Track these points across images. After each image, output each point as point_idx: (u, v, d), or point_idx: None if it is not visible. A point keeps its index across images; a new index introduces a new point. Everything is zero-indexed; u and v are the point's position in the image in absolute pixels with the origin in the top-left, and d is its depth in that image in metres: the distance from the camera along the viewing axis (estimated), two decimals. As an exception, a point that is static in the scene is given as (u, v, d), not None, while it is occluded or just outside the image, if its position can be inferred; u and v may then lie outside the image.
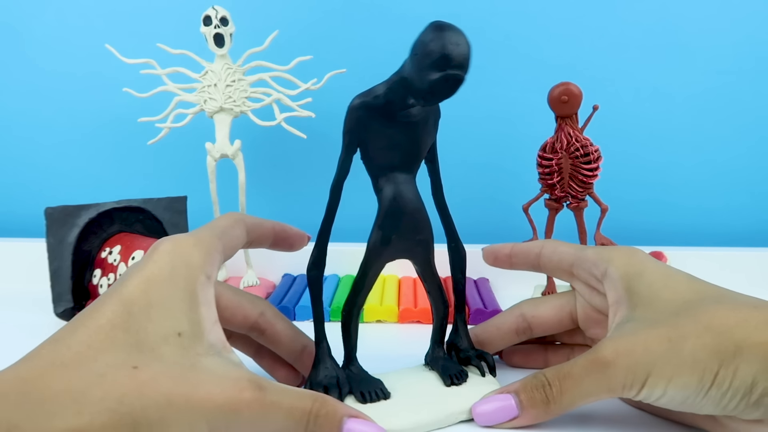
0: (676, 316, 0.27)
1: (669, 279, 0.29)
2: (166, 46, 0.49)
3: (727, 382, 0.24)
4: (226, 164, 0.53)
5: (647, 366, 0.26)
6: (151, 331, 0.24)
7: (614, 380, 0.26)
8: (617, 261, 0.31)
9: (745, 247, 0.60)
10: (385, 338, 0.40)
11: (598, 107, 0.45)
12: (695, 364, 0.25)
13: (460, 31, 0.25)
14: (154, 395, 0.22)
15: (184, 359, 0.24)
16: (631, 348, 0.26)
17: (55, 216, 0.45)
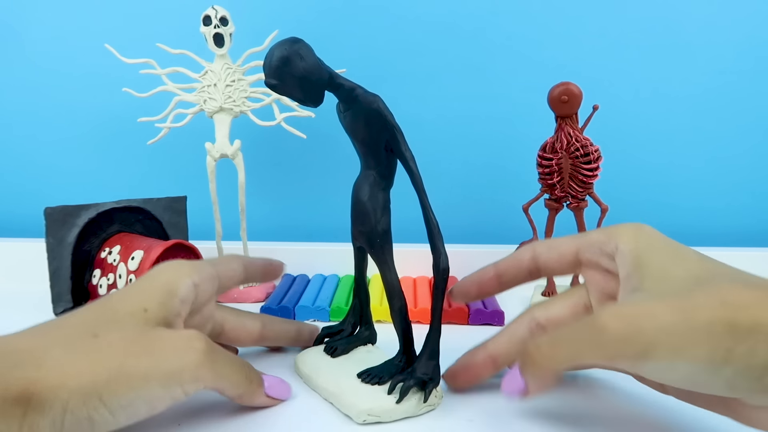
0: (688, 289, 0.25)
1: (679, 256, 0.28)
2: (165, 46, 0.49)
3: (742, 361, 0.22)
4: (225, 164, 0.53)
5: (652, 335, 0.23)
6: (121, 308, 0.28)
7: (610, 348, 0.24)
8: (626, 236, 0.29)
9: (745, 248, 0.60)
10: (384, 338, 0.40)
11: (598, 107, 0.45)
12: (710, 336, 0.23)
13: (281, 43, 0.29)
14: (107, 360, 0.25)
15: (144, 328, 0.27)
16: (633, 315, 0.24)
17: (54, 216, 0.45)
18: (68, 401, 0.23)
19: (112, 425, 0.25)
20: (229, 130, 0.50)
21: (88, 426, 0.24)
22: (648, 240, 0.29)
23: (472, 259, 0.57)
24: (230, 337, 0.36)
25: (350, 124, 0.32)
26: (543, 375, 0.27)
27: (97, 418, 0.24)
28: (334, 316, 0.47)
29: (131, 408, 0.25)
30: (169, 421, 0.30)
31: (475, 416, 0.31)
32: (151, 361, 0.26)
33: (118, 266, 0.44)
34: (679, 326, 0.23)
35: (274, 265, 0.39)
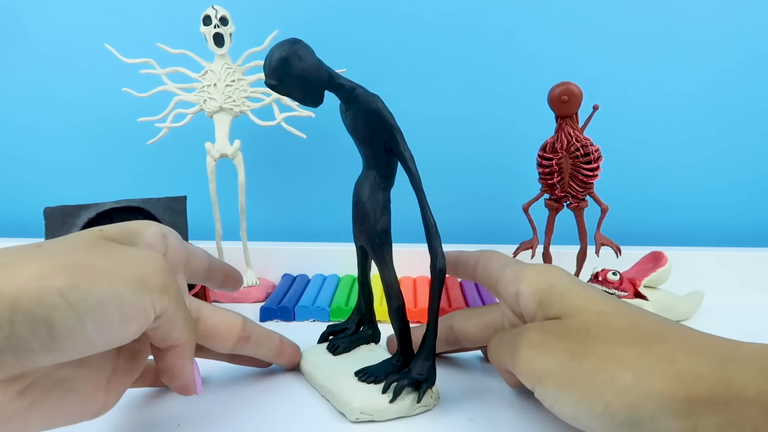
0: (585, 328, 0.26)
1: (582, 289, 0.29)
2: (165, 46, 0.49)
3: (622, 415, 0.23)
4: (225, 164, 0.53)
5: (545, 366, 0.26)
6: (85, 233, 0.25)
7: (516, 367, 0.28)
8: (528, 278, 0.30)
9: (745, 247, 0.60)
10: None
11: (598, 107, 0.45)
12: (588, 385, 0.24)
13: (277, 45, 0.29)
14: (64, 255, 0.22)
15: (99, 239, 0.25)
16: (537, 341, 0.27)
17: (54, 216, 0.45)
18: (19, 297, 0.19)
19: (78, 338, 0.20)
20: (229, 130, 0.50)
21: (47, 332, 0.20)
22: (551, 280, 0.30)
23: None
24: (208, 327, 0.31)
25: (351, 123, 0.32)
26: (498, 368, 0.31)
27: (58, 319, 0.20)
28: (333, 316, 0.47)
29: (101, 314, 0.21)
30: (169, 420, 0.30)
31: (475, 416, 0.31)
32: (111, 262, 0.22)
33: (117, 266, 0.44)
34: (566, 367, 0.25)
35: (234, 274, 0.36)
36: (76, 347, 0.21)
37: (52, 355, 0.20)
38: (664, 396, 0.22)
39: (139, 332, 0.23)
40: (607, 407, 0.23)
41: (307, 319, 0.47)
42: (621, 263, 0.48)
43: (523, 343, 0.28)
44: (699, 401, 0.21)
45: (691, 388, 0.22)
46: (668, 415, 0.22)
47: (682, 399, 0.22)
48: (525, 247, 0.49)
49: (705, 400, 0.21)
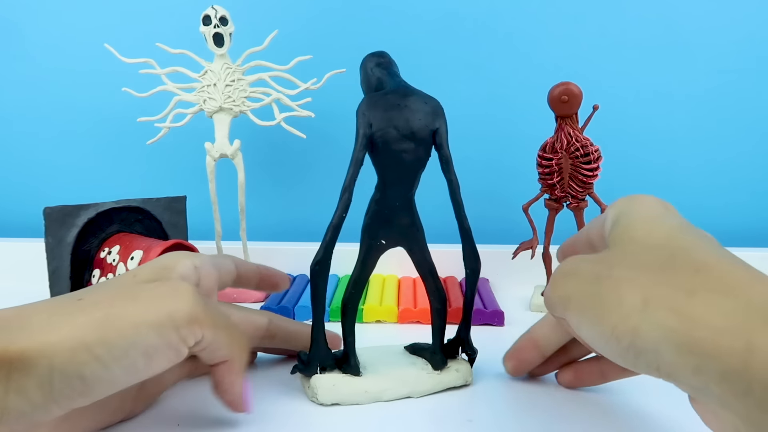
0: (624, 255, 0.25)
1: (652, 221, 0.26)
2: (165, 46, 0.49)
3: (627, 340, 0.21)
4: (225, 164, 0.53)
5: (571, 290, 0.25)
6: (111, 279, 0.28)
7: (551, 298, 0.27)
8: (618, 203, 0.29)
9: (745, 248, 0.60)
10: (384, 338, 0.40)
11: (598, 107, 0.45)
12: (601, 305, 0.23)
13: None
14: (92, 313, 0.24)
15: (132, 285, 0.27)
16: (568, 268, 0.27)
17: (53, 216, 0.45)
18: (53, 358, 0.22)
19: (108, 381, 0.23)
20: (228, 130, 0.50)
21: (81, 384, 0.22)
22: (631, 205, 0.28)
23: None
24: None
25: None
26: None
27: (88, 373, 0.22)
28: (333, 316, 0.47)
29: (126, 360, 0.23)
30: (169, 420, 0.30)
31: (475, 416, 0.31)
32: (139, 306, 0.24)
33: (117, 266, 0.44)
34: (588, 290, 0.24)
35: (271, 273, 0.36)
36: (107, 389, 0.24)
37: (88, 398, 0.23)
38: (668, 328, 0.20)
39: (170, 365, 0.25)
40: (614, 329, 0.22)
41: (307, 319, 0.47)
42: (621, 263, 0.47)
43: (558, 271, 0.27)
44: (704, 345, 0.19)
45: (697, 330, 0.20)
46: (671, 349, 0.20)
47: (684, 336, 0.20)
48: (525, 247, 0.49)
49: (711, 346, 0.19)
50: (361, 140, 0.32)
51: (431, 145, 0.33)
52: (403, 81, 0.34)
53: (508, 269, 0.54)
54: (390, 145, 0.32)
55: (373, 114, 0.32)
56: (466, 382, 0.35)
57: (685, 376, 0.20)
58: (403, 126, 0.32)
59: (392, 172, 0.32)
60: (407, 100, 0.32)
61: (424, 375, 0.34)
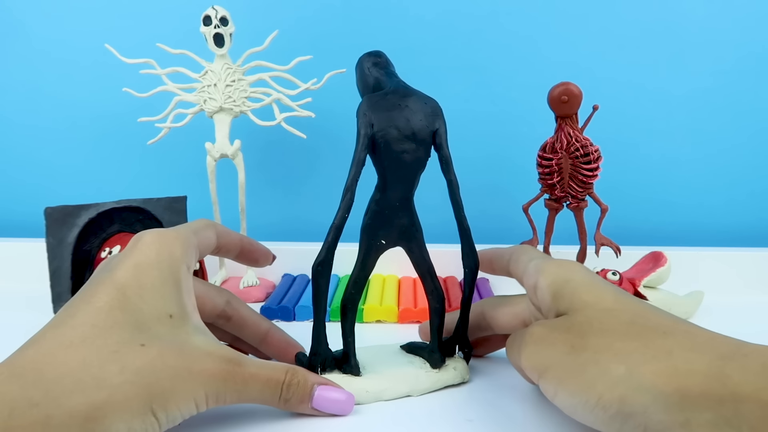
0: (588, 323, 0.27)
1: (594, 285, 0.29)
2: (166, 46, 0.49)
3: (614, 408, 0.23)
4: (226, 164, 0.53)
5: (545, 360, 0.27)
6: (146, 312, 0.27)
7: (522, 362, 0.28)
8: (547, 271, 0.31)
9: (745, 248, 0.60)
10: (384, 338, 0.40)
11: (598, 107, 0.45)
12: (583, 376, 0.24)
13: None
14: (164, 369, 0.25)
15: (177, 338, 0.27)
16: (539, 337, 0.28)
17: (54, 216, 0.45)
18: (131, 420, 0.24)
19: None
20: (229, 130, 0.50)
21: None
22: (567, 274, 0.30)
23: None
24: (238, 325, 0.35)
25: None
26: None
27: (149, 429, 0.25)
28: (333, 316, 0.47)
29: (175, 416, 0.26)
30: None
31: (475, 416, 0.31)
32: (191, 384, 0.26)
33: (118, 266, 0.44)
34: (564, 360, 0.26)
35: (255, 246, 0.36)
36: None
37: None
38: (656, 389, 0.22)
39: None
40: (599, 399, 0.23)
41: (307, 319, 0.47)
42: (621, 263, 0.48)
43: (528, 338, 0.28)
44: (692, 396, 0.21)
45: (685, 382, 0.22)
46: (660, 409, 0.22)
47: (674, 392, 0.22)
48: (525, 247, 0.49)
49: (699, 396, 0.21)
50: (362, 140, 0.32)
51: (431, 146, 0.33)
52: (402, 81, 0.34)
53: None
54: (391, 145, 0.32)
55: (374, 114, 0.32)
56: (463, 379, 0.35)
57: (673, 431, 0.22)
58: (404, 126, 0.32)
59: (393, 173, 0.32)
60: (407, 100, 0.32)
61: (422, 374, 0.34)
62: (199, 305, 0.32)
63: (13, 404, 0.22)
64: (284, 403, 0.29)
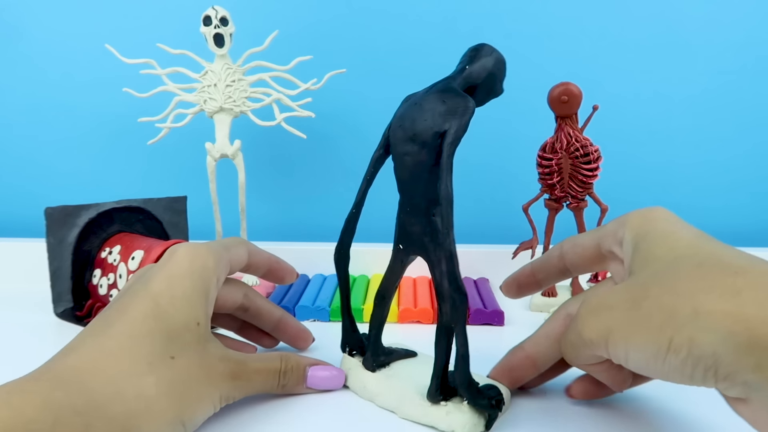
0: (653, 275, 0.25)
1: (671, 236, 0.27)
2: (166, 46, 0.49)
3: (685, 350, 0.22)
4: (226, 164, 0.53)
5: (608, 323, 0.25)
6: (177, 319, 0.29)
7: (584, 335, 0.26)
8: (631, 223, 0.29)
9: (745, 248, 0.60)
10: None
11: (598, 107, 0.45)
12: (649, 325, 0.23)
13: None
14: (190, 380, 0.27)
15: (199, 345, 0.29)
16: (599, 303, 0.26)
17: (55, 216, 0.45)
18: (162, 430, 0.26)
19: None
20: (229, 130, 0.50)
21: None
22: (649, 225, 0.28)
23: (472, 259, 0.57)
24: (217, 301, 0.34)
25: None
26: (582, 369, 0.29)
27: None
28: (334, 316, 0.47)
29: (198, 423, 0.28)
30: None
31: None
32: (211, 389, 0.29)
33: (118, 266, 0.44)
34: (627, 315, 0.24)
35: (282, 265, 0.38)
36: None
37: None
38: (724, 329, 0.21)
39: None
40: (670, 344, 0.22)
41: (307, 319, 0.47)
42: (621, 263, 0.48)
43: (583, 312, 0.26)
44: (762, 337, 0.20)
45: (754, 323, 0.20)
46: (729, 350, 0.21)
47: (742, 333, 0.20)
48: (525, 247, 0.49)
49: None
50: (382, 139, 0.31)
51: (437, 150, 0.29)
52: (453, 75, 0.32)
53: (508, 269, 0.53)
54: (396, 146, 0.30)
55: (398, 110, 0.31)
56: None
57: (744, 375, 0.21)
58: (408, 126, 0.29)
59: (399, 176, 0.30)
60: (427, 96, 0.30)
61: (415, 399, 0.31)
62: (221, 299, 0.34)
63: (59, 412, 0.22)
64: (282, 388, 0.32)
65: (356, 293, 0.50)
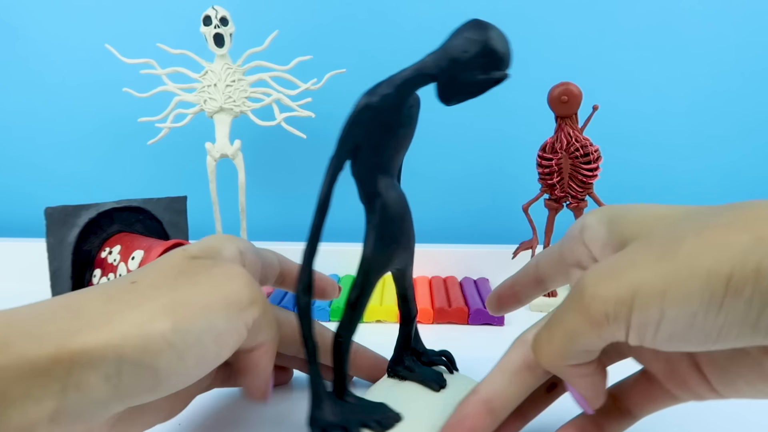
0: (672, 227, 0.21)
1: (663, 206, 0.24)
2: (166, 46, 0.49)
3: (750, 285, 0.17)
4: (226, 164, 0.53)
5: (632, 282, 0.19)
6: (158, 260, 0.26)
7: (593, 309, 0.20)
8: (593, 211, 0.27)
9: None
10: (385, 338, 0.40)
11: (598, 107, 0.45)
12: (696, 265, 0.18)
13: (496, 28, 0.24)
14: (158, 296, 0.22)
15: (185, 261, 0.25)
16: (611, 266, 0.20)
17: (55, 216, 0.45)
18: (123, 348, 0.20)
19: (182, 373, 0.21)
20: (229, 130, 0.50)
21: (152, 376, 0.20)
22: (620, 209, 0.25)
23: (472, 259, 0.57)
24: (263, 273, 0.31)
25: (416, 122, 0.28)
26: (553, 366, 0.23)
27: (163, 363, 0.20)
28: (334, 316, 0.47)
29: (200, 347, 0.22)
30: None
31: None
32: (202, 289, 0.23)
33: (118, 266, 0.44)
34: (659, 263, 0.19)
35: (325, 280, 0.33)
36: (177, 383, 0.22)
37: (157, 393, 0.21)
38: None
39: (233, 350, 0.24)
40: (728, 282, 0.18)
41: (307, 319, 0.47)
42: (621, 263, 0.48)
43: (591, 283, 0.20)
44: None
45: None
46: None
47: None
48: (525, 247, 0.49)
49: None
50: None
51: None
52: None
53: (508, 269, 0.53)
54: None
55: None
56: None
57: None
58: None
59: None
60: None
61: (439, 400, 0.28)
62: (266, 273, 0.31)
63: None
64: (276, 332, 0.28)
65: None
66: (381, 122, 0.26)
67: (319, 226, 0.27)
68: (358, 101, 0.26)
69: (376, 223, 0.27)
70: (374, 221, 0.27)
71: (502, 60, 0.23)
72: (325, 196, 0.27)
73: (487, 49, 0.23)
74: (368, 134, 0.26)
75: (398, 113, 0.27)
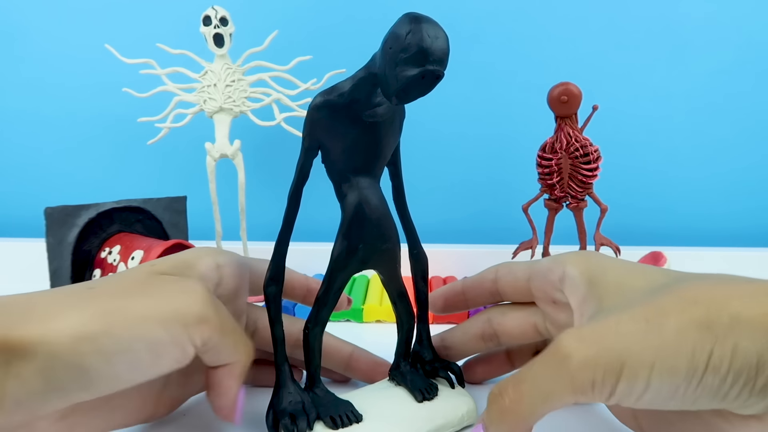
0: (652, 295, 0.22)
1: (637, 269, 0.26)
2: (165, 46, 0.49)
3: (726, 363, 0.19)
4: (225, 164, 0.53)
5: (620, 354, 0.20)
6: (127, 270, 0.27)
7: (578, 377, 0.20)
8: (574, 261, 0.27)
9: (745, 247, 0.60)
10: (384, 338, 0.40)
11: (598, 107, 0.45)
12: (682, 343, 0.20)
13: (437, 24, 0.22)
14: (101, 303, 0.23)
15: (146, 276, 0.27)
16: (596, 334, 0.21)
17: (54, 216, 0.45)
18: (55, 346, 0.21)
19: (110, 375, 0.22)
20: (229, 130, 0.50)
21: (82, 375, 0.21)
22: (600, 264, 0.27)
23: (472, 259, 0.57)
24: (265, 337, 0.31)
25: (387, 123, 0.27)
26: (519, 427, 0.22)
27: (90, 364, 0.21)
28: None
29: (130, 354, 0.22)
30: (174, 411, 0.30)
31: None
32: (148, 300, 0.24)
33: (118, 266, 0.44)
34: (646, 338, 0.20)
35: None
36: (110, 384, 0.22)
37: (90, 393, 0.22)
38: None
39: (177, 365, 0.24)
40: (709, 358, 0.19)
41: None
42: (620, 263, 0.48)
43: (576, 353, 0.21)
44: None
45: None
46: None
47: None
48: (524, 247, 0.49)
49: None
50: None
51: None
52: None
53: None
54: None
55: None
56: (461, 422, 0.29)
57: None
58: None
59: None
60: None
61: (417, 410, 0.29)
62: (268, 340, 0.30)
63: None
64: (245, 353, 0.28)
65: (356, 293, 0.50)
66: (339, 122, 0.26)
67: (290, 219, 0.29)
68: (313, 99, 0.26)
69: (341, 222, 0.28)
70: (341, 220, 0.28)
71: (425, 54, 0.22)
72: (293, 192, 0.29)
73: (408, 43, 0.22)
74: (327, 134, 0.27)
75: (356, 113, 0.26)
